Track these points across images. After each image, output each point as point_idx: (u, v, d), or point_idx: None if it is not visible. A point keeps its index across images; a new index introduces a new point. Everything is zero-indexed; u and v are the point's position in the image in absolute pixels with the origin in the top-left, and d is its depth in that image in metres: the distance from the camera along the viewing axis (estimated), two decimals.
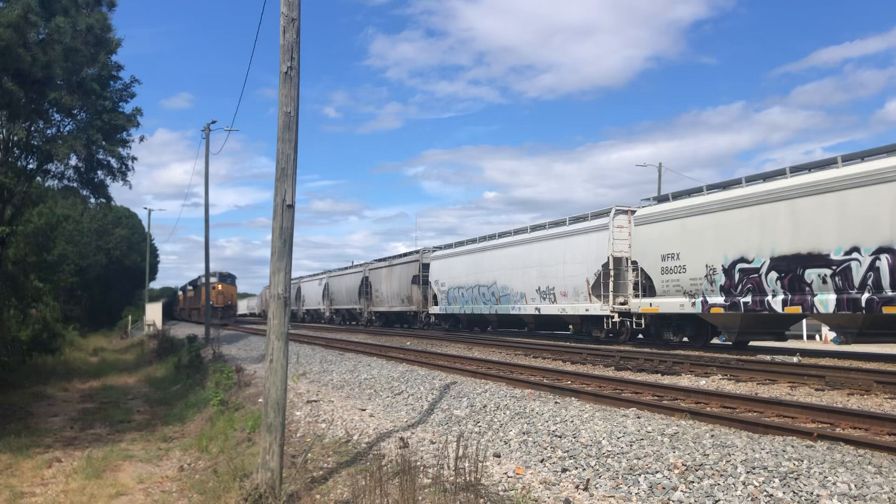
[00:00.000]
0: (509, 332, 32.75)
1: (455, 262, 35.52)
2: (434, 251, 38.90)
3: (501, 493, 6.74)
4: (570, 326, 28.48)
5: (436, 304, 37.52)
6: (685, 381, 14.03)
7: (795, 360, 16.38)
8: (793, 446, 7.32)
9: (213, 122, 34.94)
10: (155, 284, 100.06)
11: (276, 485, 7.06)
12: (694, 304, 20.34)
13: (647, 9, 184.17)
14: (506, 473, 7.49)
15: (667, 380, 14.07)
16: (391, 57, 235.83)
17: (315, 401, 12.92)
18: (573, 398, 11.31)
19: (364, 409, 11.87)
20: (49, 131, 23.71)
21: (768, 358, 16.88)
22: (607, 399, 11.07)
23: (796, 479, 6.26)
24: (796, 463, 6.66)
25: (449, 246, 37.62)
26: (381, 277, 44.66)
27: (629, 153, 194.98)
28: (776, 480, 6.27)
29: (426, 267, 38.74)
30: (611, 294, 23.73)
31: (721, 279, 19.49)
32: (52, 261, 33.89)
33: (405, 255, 42.73)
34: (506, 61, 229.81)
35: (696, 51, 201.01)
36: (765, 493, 6.05)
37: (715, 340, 22.35)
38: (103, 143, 24.34)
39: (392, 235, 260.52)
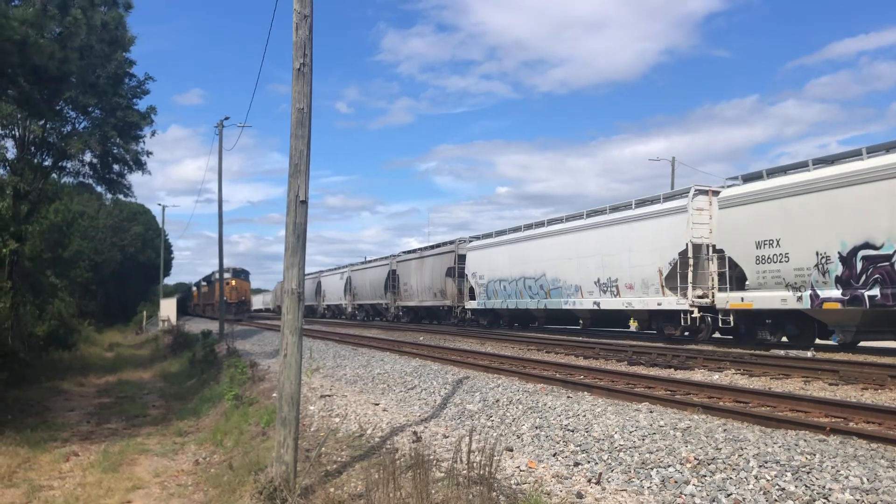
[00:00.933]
0: (559, 330, 29.63)
1: (496, 252, 32.34)
2: (471, 241, 35.75)
3: (514, 486, 6.78)
4: (634, 323, 25.84)
5: (472, 298, 34.55)
6: (698, 375, 14.02)
7: (809, 354, 16.31)
8: (805, 440, 7.32)
9: (227, 119, 35.01)
10: (169, 280, 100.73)
11: (290, 478, 7.13)
12: (800, 298, 17.56)
13: (660, 2, 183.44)
14: (518, 467, 7.53)
15: (680, 374, 14.06)
16: (402, 52, 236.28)
17: (329, 395, 13.00)
18: (586, 392, 11.32)
19: (377, 404, 11.93)
20: (64, 128, 23.92)
21: (782, 353, 16.81)
22: (620, 393, 11.08)
23: (808, 472, 6.26)
24: (809, 457, 6.66)
25: (488, 235, 34.30)
26: (411, 270, 41.71)
27: (642, 147, 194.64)
28: (788, 474, 6.28)
29: (462, 258, 35.58)
30: (689, 286, 20.86)
31: (837, 269, 16.68)
32: (68, 257, 34.20)
33: (438, 245, 39.68)
34: (517, 56, 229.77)
35: (709, 44, 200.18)
36: (777, 487, 6.06)
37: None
38: (118, 140, 24.57)
39: (405, 231, 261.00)
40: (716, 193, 21.17)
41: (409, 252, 43.86)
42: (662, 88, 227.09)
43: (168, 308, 54.85)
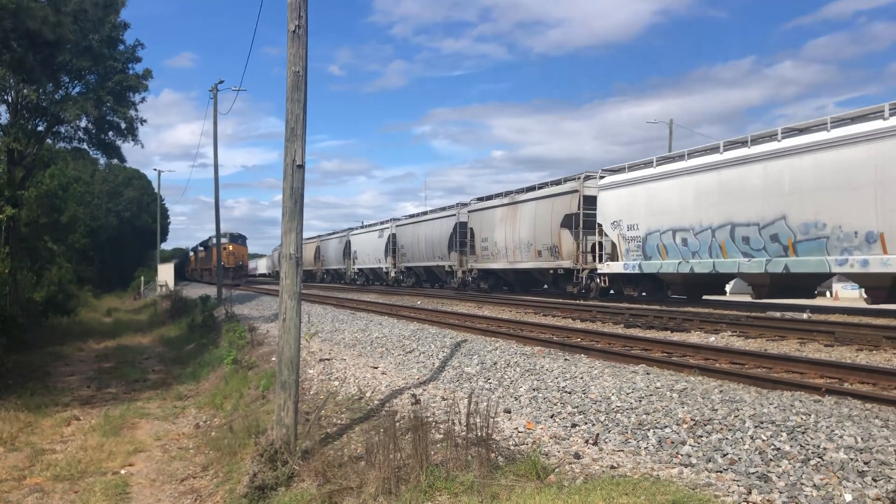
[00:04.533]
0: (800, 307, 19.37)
1: (661, 188, 22.15)
2: (604, 177, 25.15)
3: (512, 447, 6.86)
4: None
5: (609, 258, 24.57)
6: (695, 337, 14.09)
7: (805, 316, 16.40)
8: (801, 401, 7.39)
9: (221, 83, 34.63)
10: (166, 245, 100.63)
11: (290, 441, 7.20)
12: None
13: None
14: (516, 428, 7.60)
15: (676, 336, 14.14)
16: (396, 13, 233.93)
17: (328, 359, 13.07)
18: (583, 355, 11.39)
19: (376, 367, 12.01)
20: (58, 94, 23.74)
21: (778, 315, 16.90)
22: (617, 356, 11.15)
23: (804, 432, 6.33)
24: (804, 417, 6.73)
25: (639, 166, 23.60)
26: (495, 222, 31.92)
27: (638, 109, 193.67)
28: (784, 434, 6.35)
29: (590, 201, 25.36)
30: None
31: None
32: (65, 222, 34.14)
33: (544, 185, 29.21)
34: (512, 16, 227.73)
35: (705, 5, 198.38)
36: (772, 447, 6.13)
37: None
38: (114, 104, 24.42)
39: (401, 195, 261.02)
40: None
41: (487, 199, 34.14)
42: (658, 50, 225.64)
43: (166, 273, 54.87)
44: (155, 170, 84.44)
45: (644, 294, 23.79)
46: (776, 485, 5.50)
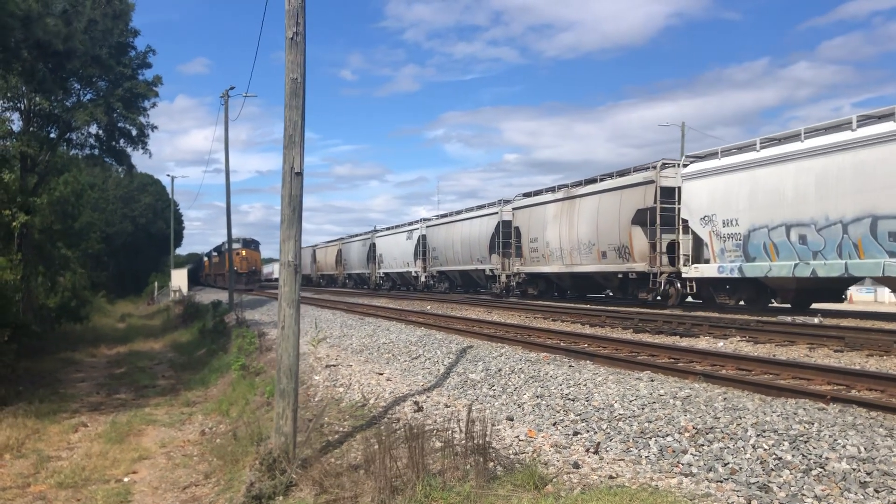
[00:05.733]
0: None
1: (767, 175, 18.68)
2: (688, 164, 21.87)
3: (512, 456, 6.80)
4: None
5: (684, 259, 21.42)
6: (703, 343, 13.98)
7: (816, 321, 16.23)
8: (805, 409, 7.29)
9: (232, 88, 34.63)
10: (181, 251, 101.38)
11: (289, 449, 7.18)
12: None
13: None
14: (518, 437, 7.54)
15: (685, 342, 14.02)
16: (407, 18, 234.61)
17: (334, 365, 13.06)
18: (588, 361, 11.31)
19: (381, 374, 11.98)
20: (69, 101, 23.92)
21: (789, 319, 16.74)
22: (621, 362, 11.07)
23: (806, 441, 6.24)
24: (807, 426, 6.64)
25: (736, 150, 20.39)
26: (546, 220, 28.37)
27: (650, 112, 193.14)
28: (786, 443, 6.26)
29: (668, 193, 22.17)
30: None
31: None
32: (79, 228, 34.38)
33: (612, 175, 25.50)
34: (524, 20, 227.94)
35: (719, 6, 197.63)
36: (774, 456, 6.05)
37: None
38: (124, 111, 24.56)
39: (413, 199, 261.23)
40: None
41: (535, 194, 30.48)
42: (671, 52, 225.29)
43: (179, 278, 55.16)
44: (168, 175, 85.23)
45: (742, 302, 20.34)
46: (776, 495, 5.42)
